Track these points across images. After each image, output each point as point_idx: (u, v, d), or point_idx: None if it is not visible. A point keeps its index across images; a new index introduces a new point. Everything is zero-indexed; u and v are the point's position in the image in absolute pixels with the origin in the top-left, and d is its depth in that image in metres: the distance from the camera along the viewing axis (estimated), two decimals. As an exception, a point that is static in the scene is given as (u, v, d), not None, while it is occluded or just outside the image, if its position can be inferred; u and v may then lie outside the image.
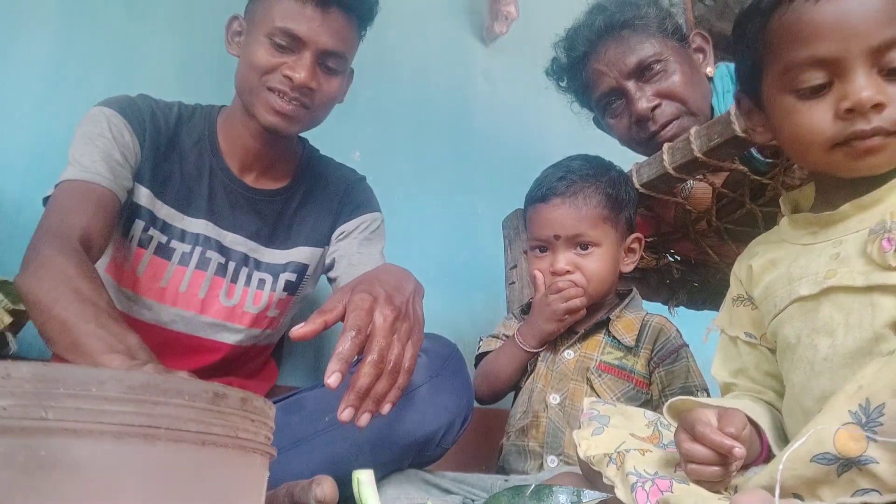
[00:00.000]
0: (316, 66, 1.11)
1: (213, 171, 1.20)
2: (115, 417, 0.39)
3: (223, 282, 1.19)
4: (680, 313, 1.67)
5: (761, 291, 0.82)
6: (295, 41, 1.09)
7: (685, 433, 0.67)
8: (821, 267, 0.73)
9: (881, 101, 0.66)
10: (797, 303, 0.74)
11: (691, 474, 0.66)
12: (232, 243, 1.20)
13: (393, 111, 1.96)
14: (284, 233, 1.25)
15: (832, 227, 0.75)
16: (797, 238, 0.79)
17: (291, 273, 1.25)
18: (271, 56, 1.10)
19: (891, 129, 0.67)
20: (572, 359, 1.19)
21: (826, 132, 0.70)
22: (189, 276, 1.16)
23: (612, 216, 1.18)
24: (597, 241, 1.17)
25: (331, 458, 0.93)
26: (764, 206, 1.21)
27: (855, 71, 0.67)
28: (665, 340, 1.17)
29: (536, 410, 1.17)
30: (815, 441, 0.55)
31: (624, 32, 1.26)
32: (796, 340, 0.74)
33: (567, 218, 1.17)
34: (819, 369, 0.70)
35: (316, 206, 1.28)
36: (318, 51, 1.10)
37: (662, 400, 1.13)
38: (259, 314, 1.23)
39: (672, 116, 1.23)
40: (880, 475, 0.53)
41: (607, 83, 1.27)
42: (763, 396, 0.81)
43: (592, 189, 1.18)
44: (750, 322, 0.85)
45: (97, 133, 1.08)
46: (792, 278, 0.76)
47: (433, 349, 1.03)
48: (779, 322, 0.77)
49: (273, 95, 1.10)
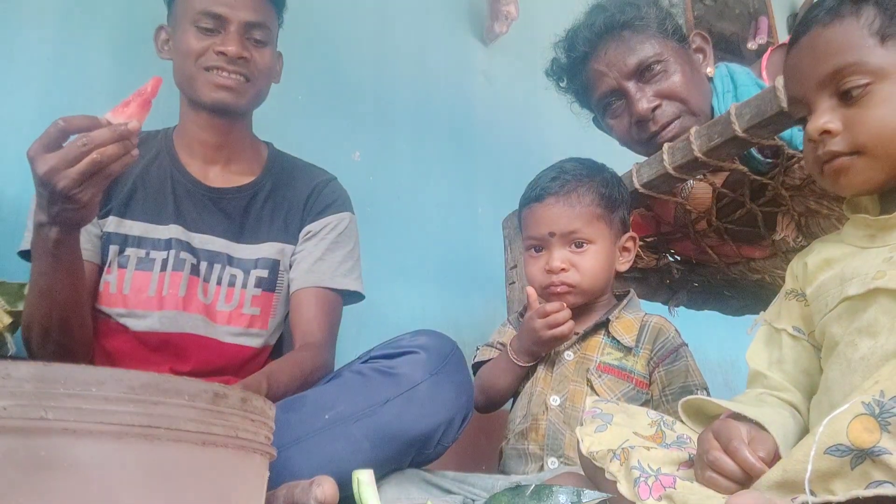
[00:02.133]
0: (243, 39, 1.18)
1: (175, 178, 1.23)
2: (115, 417, 0.39)
3: (198, 280, 1.21)
4: (680, 313, 1.67)
5: (814, 290, 0.82)
6: (218, 20, 1.16)
7: (715, 440, 0.68)
8: (872, 269, 0.73)
9: (830, 128, 0.74)
10: (846, 302, 0.75)
11: (708, 481, 0.66)
12: (202, 243, 1.22)
13: (393, 111, 1.95)
14: (253, 228, 1.26)
15: (890, 232, 0.76)
16: (856, 240, 0.80)
17: (262, 269, 1.25)
18: (200, 40, 1.16)
19: (844, 150, 0.74)
20: (572, 360, 1.19)
21: (809, 159, 0.80)
22: (168, 279, 1.18)
23: (606, 214, 1.20)
24: (591, 238, 1.18)
25: (330, 455, 0.93)
26: (764, 206, 1.21)
27: (815, 104, 0.77)
28: (664, 340, 1.17)
29: (536, 414, 1.17)
30: (828, 433, 0.56)
31: (624, 33, 1.25)
32: (840, 339, 0.75)
33: (561, 216, 1.18)
34: (855, 367, 0.71)
35: (284, 202, 1.29)
36: (242, 23, 1.17)
37: (662, 400, 1.14)
38: (233, 311, 1.23)
39: (673, 117, 1.23)
40: (894, 466, 0.52)
41: (607, 84, 1.27)
42: (786, 395, 0.81)
43: (586, 188, 1.19)
44: (800, 317, 0.85)
45: None
46: (844, 278, 0.77)
47: (433, 346, 1.04)
48: (828, 321, 0.78)
49: (212, 74, 1.16)
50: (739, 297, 1.68)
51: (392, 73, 1.99)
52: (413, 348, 1.04)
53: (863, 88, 0.73)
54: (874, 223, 0.78)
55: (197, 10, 1.16)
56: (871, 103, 0.73)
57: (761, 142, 1.03)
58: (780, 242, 1.26)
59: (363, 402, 0.98)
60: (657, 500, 0.65)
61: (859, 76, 0.73)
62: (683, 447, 0.77)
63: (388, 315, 1.68)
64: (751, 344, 0.89)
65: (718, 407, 0.77)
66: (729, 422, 0.69)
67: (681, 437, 0.79)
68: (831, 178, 0.77)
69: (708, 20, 2.88)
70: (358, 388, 1.00)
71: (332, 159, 1.57)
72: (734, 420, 0.70)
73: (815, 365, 0.82)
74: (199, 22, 1.16)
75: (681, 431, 0.80)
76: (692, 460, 0.72)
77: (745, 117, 1.01)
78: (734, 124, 1.01)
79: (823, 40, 0.76)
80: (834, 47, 0.75)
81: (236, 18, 1.16)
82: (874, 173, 0.74)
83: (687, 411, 0.82)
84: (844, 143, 0.74)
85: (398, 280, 1.76)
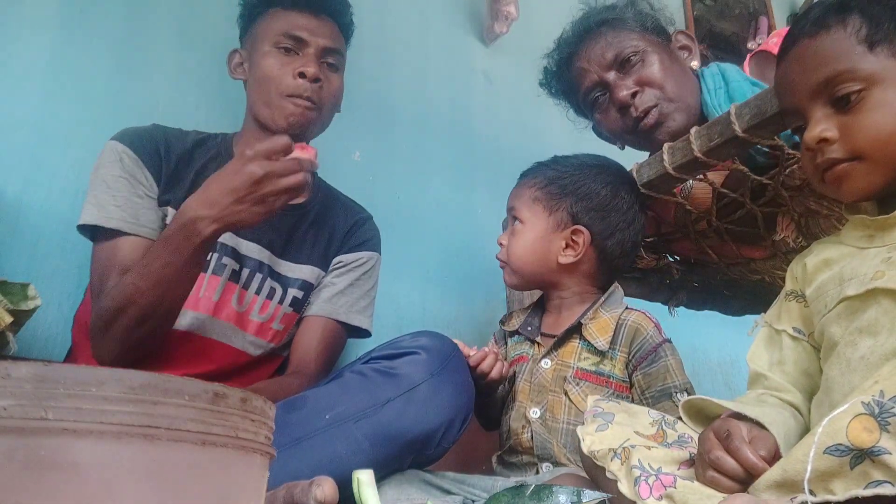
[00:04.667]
0: (320, 63, 1.25)
1: None
2: (115, 417, 0.39)
3: (236, 287, 1.23)
4: (680, 313, 1.67)
5: (814, 290, 0.83)
6: (299, 42, 1.24)
7: (716, 440, 0.68)
8: (870, 269, 0.74)
9: (827, 136, 0.76)
10: (845, 302, 0.75)
11: (710, 480, 0.66)
12: (247, 251, 1.24)
13: (393, 111, 1.95)
14: (297, 248, 1.30)
15: (888, 232, 0.77)
16: (854, 240, 0.81)
17: (299, 290, 1.29)
18: (280, 61, 1.22)
19: (843, 156, 0.75)
20: (549, 368, 1.16)
21: (808, 168, 0.81)
22: (207, 281, 1.19)
23: (547, 201, 1.21)
24: (523, 219, 1.22)
25: (331, 455, 0.93)
26: (764, 207, 1.21)
27: (809, 114, 0.78)
28: (642, 340, 1.12)
29: (516, 429, 1.15)
30: (828, 433, 0.56)
31: (602, 29, 1.32)
32: (840, 339, 0.75)
33: (513, 194, 1.27)
34: (854, 366, 0.71)
35: (327, 228, 1.34)
36: (320, 48, 1.25)
37: (643, 403, 1.09)
38: (263, 324, 1.25)
39: (652, 103, 1.27)
40: (894, 466, 0.53)
41: (590, 78, 1.33)
42: (787, 396, 0.81)
43: (543, 172, 1.25)
44: (800, 318, 0.86)
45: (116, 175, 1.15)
46: (843, 279, 0.77)
47: (434, 347, 1.04)
48: (827, 321, 0.78)
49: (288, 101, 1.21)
50: (739, 298, 1.68)
51: (392, 73, 1.99)
52: (414, 349, 1.04)
53: (857, 94, 0.74)
54: (872, 223, 0.79)
55: (279, 31, 1.23)
56: (865, 108, 0.74)
57: (761, 142, 1.03)
58: (779, 243, 1.26)
59: (364, 403, 0.98)
60: (658, 500, 0.65)
61: (852, 83, 0.74)
62: (684, 446, 0.77)
63: (387, 315, 1.68)
64: (751, 345, 0.90)
65: (719, 407, 0.77)
66: (730, 421, 0.70)
67: (682, 437, 0.79)
68: (833, 185, 0.77)
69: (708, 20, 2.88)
70: (358, 388, 1.01)
71: (332, 159, 1.57)
72: (735, 419, 0.70)
73: (816, 366, 0.82)
74: (280, 43, 1.23)
75: (682, 431, 0.81)
76: (693, 460, 0.73)
77: (745, 117, 1.01)
78: (734, 124, 1.01)
79: (812, 51, 0.78)
80: (824, 57, 0.77)
81: (315, 42, 1.24)
82: (875, 177, 0.75)
83: (688, 411, 0.82)
84: (842, 150, 0.76)
85: (398, 280, 1.76)
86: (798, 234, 1.23)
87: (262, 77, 1.22)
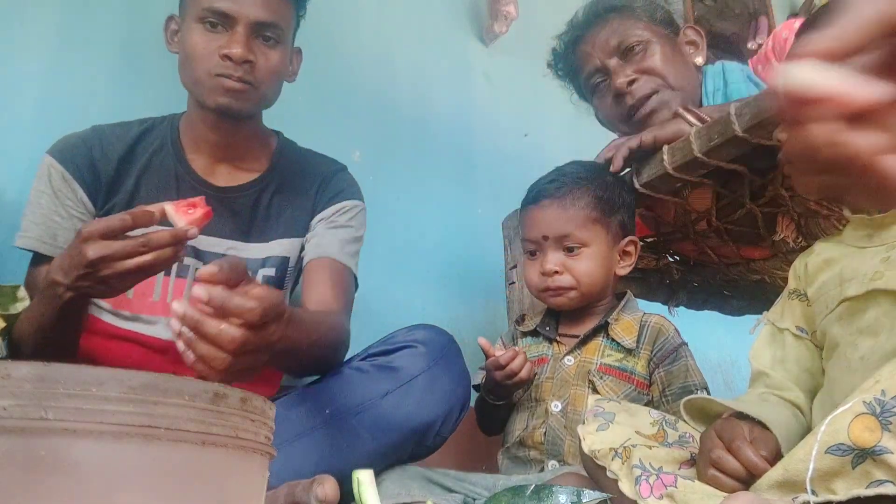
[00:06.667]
0: (251, 40, 1.10)
1: (180, 176, 1.19)
2: (114, 417, 0.39)
3: None
4: (680, 313, 1.67)
5: (815, 290, 0.83)
6: (225, 18, 1.09)
7: (718, 439, 0.68)
8: (870, 269, 0.74)
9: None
10: (845, 303, 0.76)
11: (711, 480, 0.66)
12: (208, 246, 1.19)
13: (393, 111, 1.95)
14: (262, 226, 1.23)
15: (886, 230, 0.77)
16: (854, 240, 0.81)
17: (270, 268, 1.22)
18: (205, 39, 1.10)
19: None
20: (572, 365, 1.19)
21: None
22: (172, 286, 1.15)
23: (602, 218, 1.19)
24: (585, 241, 1.18)
25: (331, 448, 0.94)
26: (764, 207, 1.21)
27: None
28: (664, 340, 1.18)
29: (535, 424, 1.17)
30: (830, 433, 0.56)
31: (611, 16, 1.33)
32: (841, 339, 0.75)
33: (555, 219, 1.19)
34: (855, 366, 0.72)
35: (292, 196, 1.25)
36: (250, 23, 1.10)
37: (663, 401, 1.14)
38: None
39: (650, 91, 1.27)
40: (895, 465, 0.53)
41: (593, 63, 1.33)
42: (789, 395, 0.82)
43: (582, 191, 1.19)
44: (802, 317, 0.86)
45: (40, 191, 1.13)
46: (843, 279, 0.78)
47: (430, 339, 1.05)
48: (828, 322, 0.78)
49: (217, 79, 1.09)
50: (739, 298, 1.68)
51: (392, 73, 1.99)
52: (410, 342, 1.05)
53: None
54: (871, 222, 0.79)
55: (203, 5, 1.09)
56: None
57: (761, 142, 1.03)
58: (779, 243, 1.26)
59: (363, 396, 1.00)
60: (658, 499, 0.65)
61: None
62: (685, 446, 0.77)
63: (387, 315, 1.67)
64: (754, 343, 0.90)
65: (721, 406, 0.77)
66: (732, 421, 0.70)
67: (683, 436, 0.79)
68: None
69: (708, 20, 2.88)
70: (357, 383, 1.02)
71: (332, 159, 1.56)
72: (737, 419, 0.70)
73: (818, 364, 0.82)
74: (205, 18, 1.09)
75: (683, 430, 0.81)
76: (694, 459, 0.73)
77: (745, 117, 1.00)
78: (734, 124, 1.01)
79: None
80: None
81: (244, 17, 1.09)
82: None
83: (689, 411, 0.82)
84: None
85: (398, 280, 1.76)
86: (798, 234, 1.23)
87: (189, 55, 1.11)
